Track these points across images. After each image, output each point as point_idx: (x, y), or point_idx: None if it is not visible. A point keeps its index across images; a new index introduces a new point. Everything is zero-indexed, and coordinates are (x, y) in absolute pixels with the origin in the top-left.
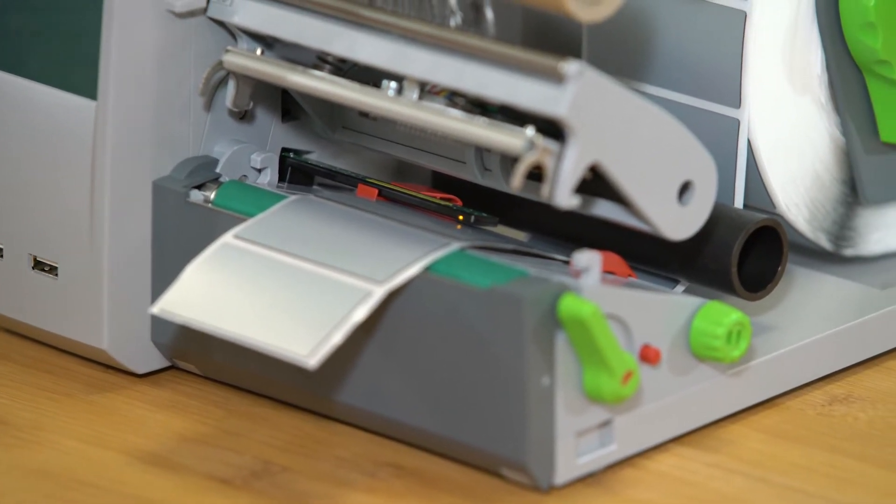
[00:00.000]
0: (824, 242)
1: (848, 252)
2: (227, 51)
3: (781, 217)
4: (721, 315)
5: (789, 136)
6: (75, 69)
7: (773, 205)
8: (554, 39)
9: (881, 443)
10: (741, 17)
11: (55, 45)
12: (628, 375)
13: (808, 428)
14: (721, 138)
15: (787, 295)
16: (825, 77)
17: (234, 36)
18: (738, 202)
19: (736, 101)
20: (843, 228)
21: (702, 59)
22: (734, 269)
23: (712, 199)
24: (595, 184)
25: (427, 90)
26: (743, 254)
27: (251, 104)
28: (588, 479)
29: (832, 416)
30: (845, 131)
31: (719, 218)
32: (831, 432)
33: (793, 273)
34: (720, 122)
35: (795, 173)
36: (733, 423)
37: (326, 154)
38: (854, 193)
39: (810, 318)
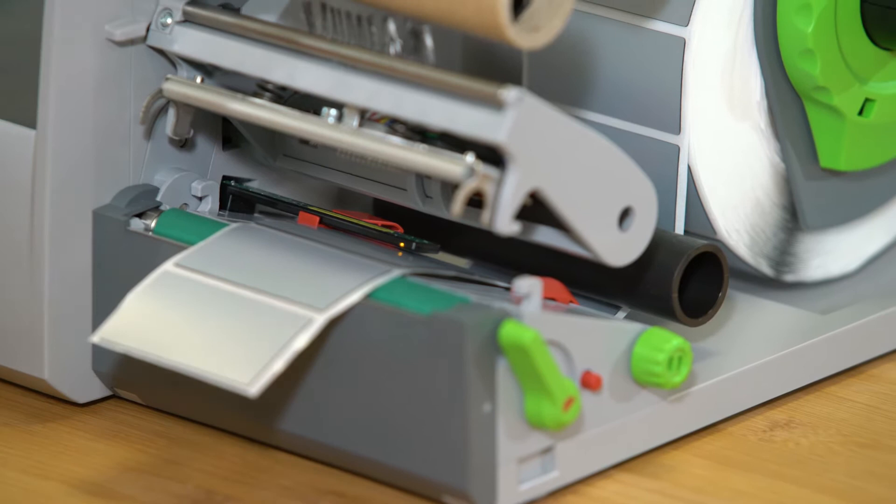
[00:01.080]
0: (765, 268)
1: (789, 278)
2: (167, 79)
3: (722, 243)
4: (662, 341)
5: (729, 162)
6: (14, 98)
7: (713, 231)
8: (495, 66)
9: (822, 468)
10: (680, 44)
11: None
12: (569, 402)
13: (749, 454)
14: (661, 164)
15: (729, 320)
16: (765, 103)
17: (174, 64)
18: (679, 228)
19: (676, 127)
20: (783, 254)
21: (642, 85)
22: (675, 295)
23: (652, 225)
24: (535, 210)
25: (367, 117)
26: (684, 280)
27: (192, 132)
28: None
29: (774, 441)
30: (785, 157)
31: (660, 244)
32: (773, 458)
33: (734, 298)
34: (660, 148)
35: (736, 199)
36: (675, 449)
37: (267, 182)
38: (794, 219)
39: (751, 344)
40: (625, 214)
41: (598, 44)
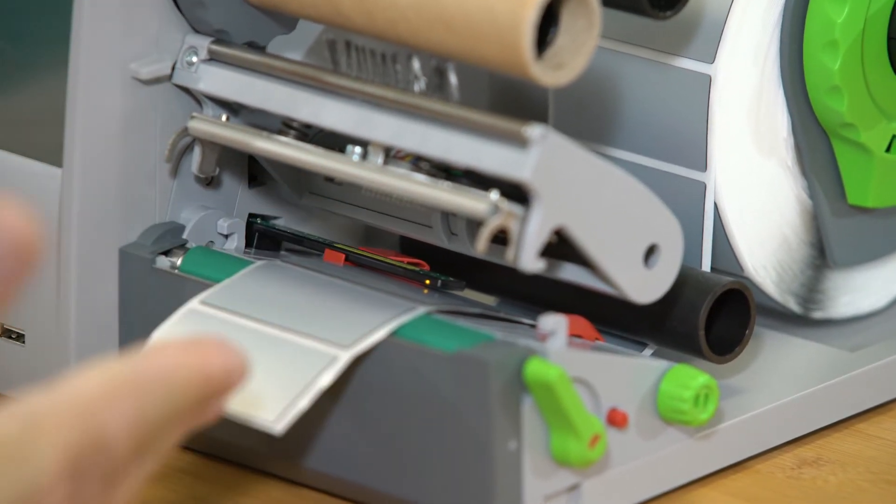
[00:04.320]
0: (793, 305)
1: (817, 315)
2: (193, 117)
3: (749, 280)
4: (688, 378)
5: (756, 199)
6: (40, 136)
7: (740, 268)
8: (521, 104)
9: None
10: (706, 81)
11: (20, 112)
12: (595, 439)
13: (777, 491)
14: (688, 202)
15: (756, 357)
16: (791, 140)
17: (199, 102)
18: (706, 265)
19: (702, 164)
20: (811, 291)
21: (667, 122)
22: (702, 332)
23: (678, 263)
24: (561, 247)
25: (392, 155)
26: (710, 317)
27: (217, 170)
28: None
29: (802, 479)
30: (812, 194)
31: (686, 281)
32: (801, 496)
33: (761, 336)
34: (686, 185)
35: (763, 236)
36: (702, 486)
37: (293, 219)
38: (822, 256)
39: (779, 381)
40: (650, 251)
41: (624, 81)
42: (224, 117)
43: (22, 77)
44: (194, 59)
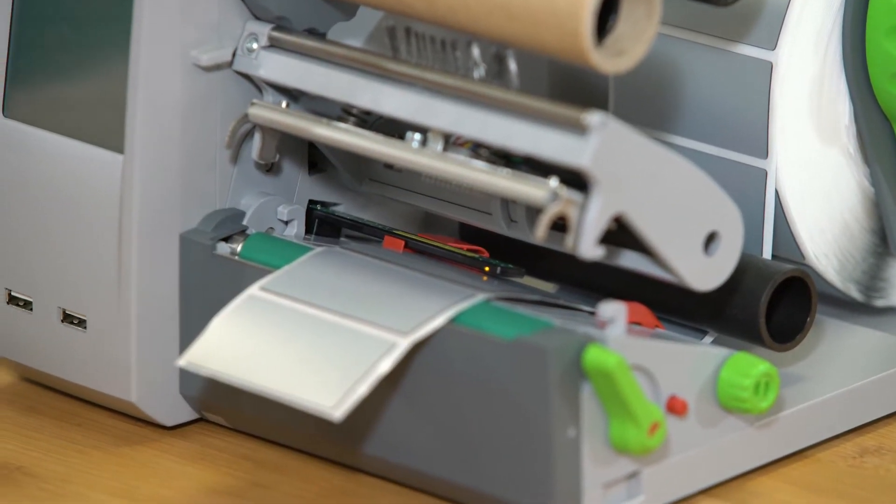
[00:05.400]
0: (854, 293)
1: (879, 303)
2: (253, 104)
3: (810, 267)
4: (749, 366)
5: (818, 186)
6: (102, 123)
7: (801, 255)
8: (581, 91)
9: None
10: (768, 68)
11: (83, 99)
12: (655, 427)
13: (838, 480)
14: (748, 189)
15: (817, 345)
16: (853, 127)
17: (259, 89)
18: (767, 253)
19: (763, 151)
20: (873, 279)
21: (728, 109)
22: (762, 320)
23: (739, 250)
24: (620, 234)
25: (451, 142)
26: (771, 304)
27: (277, 156)
28: None
29: (863, 468)
30: (874, 181)
31: (747, 268)
32: (862, 484)
33: (822, 324)
34: (747, 172)
35: (824, 224)
36: (762, 475)
37: (353, 206)
38: (885, 244)
39: (840, 369)
40: (710, 239)
41: (685, 68)
42: (284, 104)
43: (84, 64)
44: (255, 45)
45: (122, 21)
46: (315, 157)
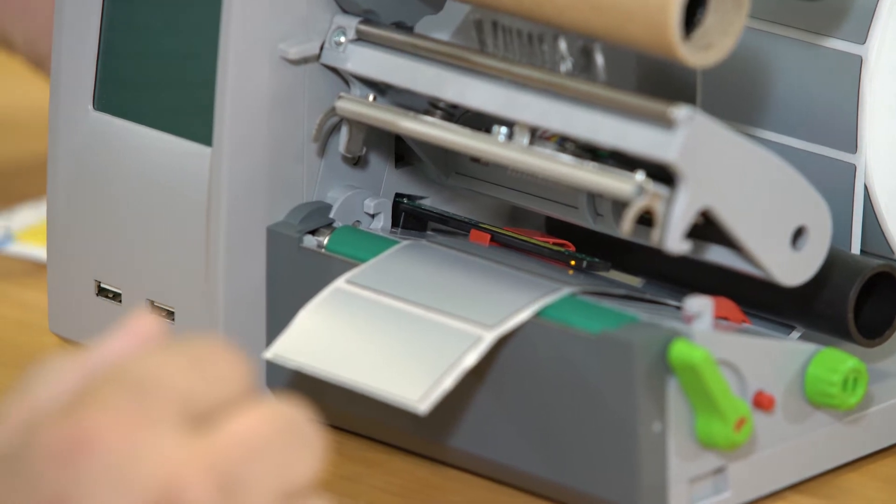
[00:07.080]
0: None
1: None
2: (340, 97)
3: None
4: (837, 362)
5: None
6: (191, 116)
7: (891, 250)
8: (668, 84)
9: None
10: (857, 62)
11: (171, 92)
12: (741, 422)
13: None
14: (837, 183)
15: None
16: None
17: (346, 82)
18: (856, 248)
19: (852, 146)
20: None
21: (817, 103)
22: (850, 316)
23: (827, 245)
24: (707, 228)
25: (538, 135)
26: (860, 300)
27: (364, 150)
28: None
29: None
30: None
31: (835, 263)
32: None
33: None
34: (836, 167)
35: None
36: (851, 471)
37: (440, 199)
38: None
39: None
40: (798, 233)
41: (773, 62)
42: (371, 97)
43: (173, 57)
44: (342, 39)
45: (211, 15)
46: (402, 151)
